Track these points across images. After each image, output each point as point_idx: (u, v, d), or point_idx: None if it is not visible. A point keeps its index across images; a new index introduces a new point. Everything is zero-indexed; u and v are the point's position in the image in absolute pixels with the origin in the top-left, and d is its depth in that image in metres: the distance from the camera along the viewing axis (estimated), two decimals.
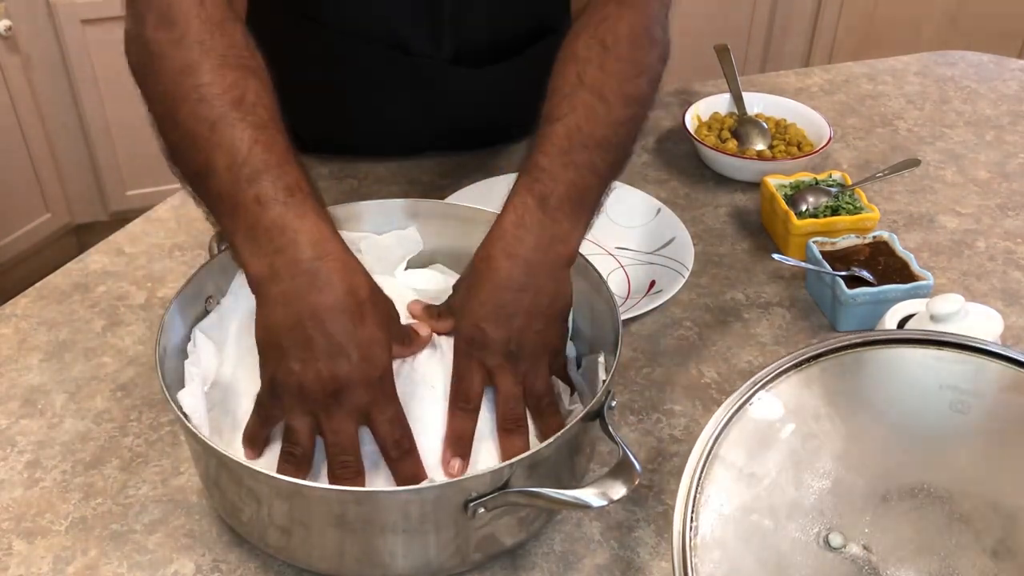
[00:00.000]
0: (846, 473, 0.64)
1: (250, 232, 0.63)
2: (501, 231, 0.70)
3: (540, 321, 0.69)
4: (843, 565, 0.61)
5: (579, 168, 0.71)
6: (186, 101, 0.65)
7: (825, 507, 0.63)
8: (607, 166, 0.73)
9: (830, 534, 0.62)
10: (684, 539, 0.59)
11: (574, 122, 0.72)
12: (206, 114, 0.64)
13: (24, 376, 0.84)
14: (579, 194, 0.71)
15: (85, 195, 2.32)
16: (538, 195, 0.70)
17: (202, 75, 0.65)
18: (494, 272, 0.69)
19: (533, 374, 0.69)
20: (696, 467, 0.62)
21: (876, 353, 0.66)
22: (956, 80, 1.38)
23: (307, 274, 0.62)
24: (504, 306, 0.68)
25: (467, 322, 0.69)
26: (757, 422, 0.64)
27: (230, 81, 0.65)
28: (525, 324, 0.68)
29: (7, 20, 2.02)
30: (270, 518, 0.64)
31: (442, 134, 1.11)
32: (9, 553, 0.70)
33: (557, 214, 0.70)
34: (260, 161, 0.63)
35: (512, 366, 0.68)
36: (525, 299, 0.68)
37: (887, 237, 0.95)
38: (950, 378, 0.65)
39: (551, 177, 0.71)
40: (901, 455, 0.65)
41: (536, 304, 0.69)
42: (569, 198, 0.71)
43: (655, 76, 0.79)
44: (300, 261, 0.62)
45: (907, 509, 0.63)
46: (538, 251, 0.69)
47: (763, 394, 0.65)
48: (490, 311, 0.68)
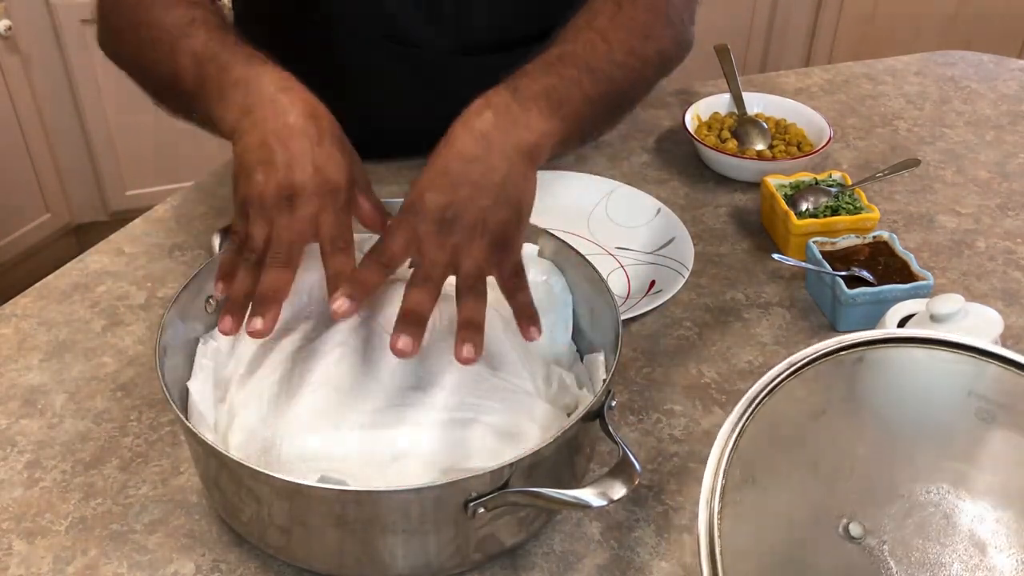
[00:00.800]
0: (866, 470, 0.64)
1: (220, 93, 0.71)
2: (467, 111, 0.70)
3: (487, 197, 0.66)
4: (861, 557, 0.61)
5: (562, 78, 0.71)
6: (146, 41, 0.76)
7: (845, 501, 0.63)
8: (596, 92, 0.73)
9: (851, 523, 0.62)
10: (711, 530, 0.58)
11: (571, 48, 0.74)
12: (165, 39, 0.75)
13: (24, 376, 0.84)
14: (556, 96, 0.71)
15: (85, 195, 2.32)
16: (512, 87, 0.71)
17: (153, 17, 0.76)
18: (449, 144, 0.68)
19: (465, 250, 0.65)
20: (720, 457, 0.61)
21: (876, 353, 0.66)
22: (956, 80, 1.38)
23: (273, 103, 0.69)
24: (451, 174, 0.66)
25: (413, 189, 0.67)
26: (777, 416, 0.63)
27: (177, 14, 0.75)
28: (468, 196, 0.65)
29: (7, 20, 2.02)
30: (270, 518, 0.64)
31: (444, 129, 1.11)
32: (9, 553, 0.70)
33: (527, 103, 0.69)
34: (217, 46, 0.73)
35: (442, 235, 0.65)
36: (473, 171, 0.66)
37: (887, 237, 0.95)
38: (962, 380, 0.65)
39: (530, 77, 0.71)
40: (918, 454, 0.65)
41: (484, 179, 0.66)
42: (545, 96, 0.70)
43: (664, 49, 0.80)
44: (265, 94, 0.69)
45: (921, 508, 0.63)
46: (497, 129, 0.68)
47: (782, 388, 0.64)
48: (435, 177, 0.67)
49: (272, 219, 0.66)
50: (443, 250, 0.65)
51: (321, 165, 0.67)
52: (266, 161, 0.66)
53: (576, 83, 0.72)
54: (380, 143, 1.12)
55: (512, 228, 0.68)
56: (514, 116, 0.69)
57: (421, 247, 0.66)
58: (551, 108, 0.70)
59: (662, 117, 1.24)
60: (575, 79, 0.72)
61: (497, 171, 0.67)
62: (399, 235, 0.66)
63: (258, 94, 0.69)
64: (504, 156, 0.67)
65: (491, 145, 0.67)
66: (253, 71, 0.71)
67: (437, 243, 0.65)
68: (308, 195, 0.66)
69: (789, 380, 0.64)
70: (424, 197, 0.66)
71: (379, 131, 1.09)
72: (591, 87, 0.73)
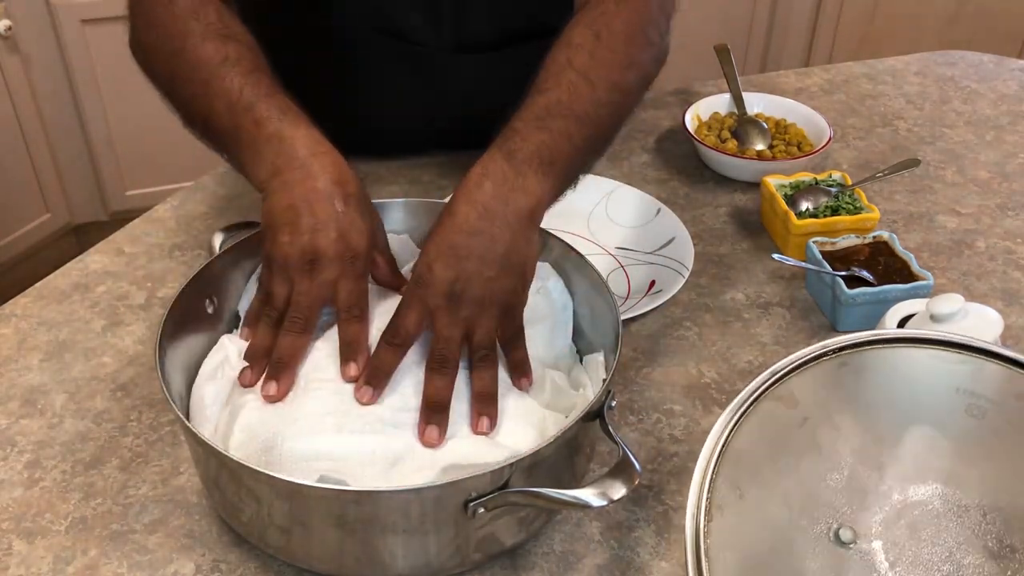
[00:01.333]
0: (857, 471, 0.64)
1: (252, 147, 0.73)
2: (465, 181, 0.72)
3: (492, 268, 0.68)
4: (852, 561, 0.61)
5: (552, 132, 0.72)
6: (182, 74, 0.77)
7: (836, 504, 0.63)
8: (583, 139, 0.74)
9: (841, 529, 0.62)
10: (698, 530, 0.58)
11: (555, 96, 0.74)
12: (200, 76, 0.76)
13: (24, 376, 0.84)
14: (549, 155, 0.72)
15: (85, 195, 2.32)
16: (506, 151, 0.72)
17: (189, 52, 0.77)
18: (452, 217, 0.70)
19: (475, 322, 0.68)
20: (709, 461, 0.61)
21: (877, 353, 0.66)
22: (956, 80, 1.38)
23: (303, 166, 0.71)
24: (455, 248, 0.68)
25: (420, 263, 0.69)
26: (768, 418, 0.64)
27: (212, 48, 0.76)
28: (475, 269, 0.68)
29: (7, 20, 2.02)
30: (270, 518, 0.64)
31: (442, 127, 1.11)
32: (9, 553, 0.70)
33: (523, 167, 0.71)
34: (251, 95, 0.74)
35: (453, 308, 0.67)
36: (478, 243, 0.68)
37: (887, 237, 0.95)
38: (952, 379, 0.65)
39: (522, 137, 0.72)
40: (911, 455, 0.65)
41: (489, 250, 0.68)
42: (538, 156, 0.71)
43: (645, 74, 0.81)
44: (297, 157, 0.71)
45: (917, 509, 0.63)
46: (497, 199, 0.70)
47: (774, 391, 0.64)
48: (441, 251, 0.68)
49: (293, 280, 0.70)
50: (455, 325, 0.68)
51: (344, 231, 0.70)
52: (292, 223, 0.69)
53: (566, 135, 0.73)
54: (379, 142, 1.12)
55: (517, 296, 0.71)
56: (511, 183, 0.70)
57: (433, 322, 0.68)
58: (544, 168, 0.72)
59: (662, 117, 1.24)
60: (564, 131, 0.73)
61: (500, 242, 0.69)
62: (412, 312, 0.68)
63: (290, 156, 0.71)
64: (506, 225, 0.69)
65: (492, 216, 0.69)
66: (286, 131, 0.72)
67: (449, 318, 0.68)
68: (329, 260, 0.69)
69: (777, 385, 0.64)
70: (433, 271, 0.68)
71: (378, 130, 1.10)
72: (579, 135, 0.74)
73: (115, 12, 0.85)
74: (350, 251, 0.70)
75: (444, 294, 0.68)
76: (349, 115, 1.09)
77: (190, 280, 0.74)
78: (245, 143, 0.73)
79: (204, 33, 0.77)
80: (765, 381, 0.64)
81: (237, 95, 0.74)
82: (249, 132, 0.73)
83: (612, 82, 0.77)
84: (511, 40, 1.04)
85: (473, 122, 1.11)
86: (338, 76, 1.05)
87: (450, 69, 1.04)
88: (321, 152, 0.72)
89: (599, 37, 0.77)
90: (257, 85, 0.74)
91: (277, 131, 0.72)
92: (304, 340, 0.70)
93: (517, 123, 0.73)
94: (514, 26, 1.04)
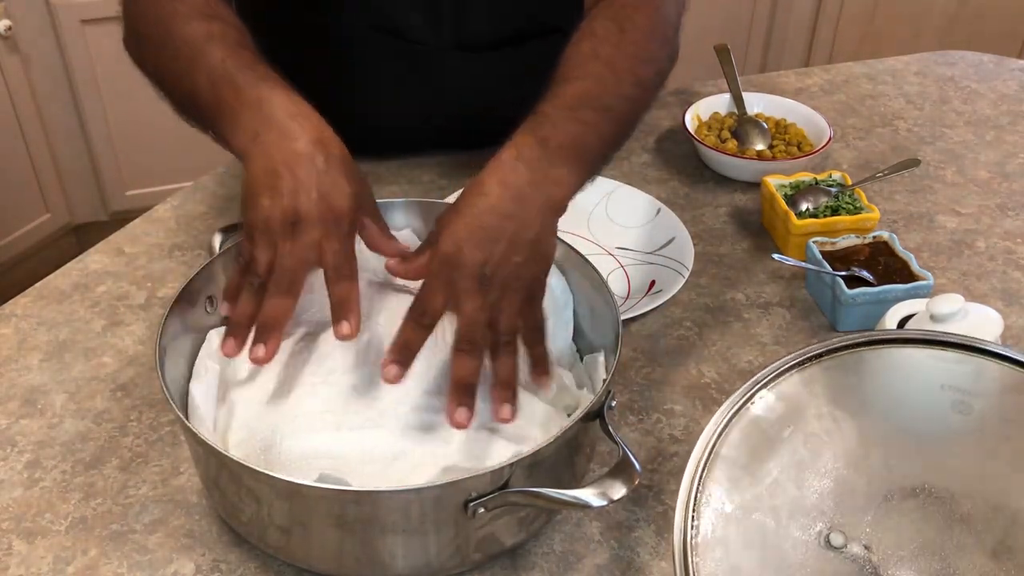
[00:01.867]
0: (847, 473, 0.64)
1: (233, 116, 0.71)
2: (498, 162, 0.70)
3: (521, 254, 0.67)
4: (844, 565, 0.61)
5: (583, 124, 0.72)
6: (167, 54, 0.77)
7: (826, 506, 0.63)
8: (610, 133, 0.75)
9: (831, 533, 0.62)
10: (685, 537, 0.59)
11: (584, 86, 0.74)
12: (185, 54, 0.75)
13: (24, 376, 0.84)
14: (580, 146, 0.72)
15: (85, 195, 2.32)
16: (540, 137, 0.71)
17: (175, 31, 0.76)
18: (484, 197, 0.68)
19: (501, 307, 0.67)
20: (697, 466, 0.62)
21: (877, 353, 0.66)
22: (956, 80, 1.38)
23: (282, 128, 0.69)
24: (488, 230, 0.67)
25: (447, 240, 0.68)
26: (758, 421, 0.64)
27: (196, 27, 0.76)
28: (505, 252, 0.67)
29: (7, 20, 2.02)
30: (270, 518, 0.64)
31: (441, 125, 1.11)
32: (9, 553, 0.70)
33: (555, 157, 0.70)
34: (232, 67, 0.73)
35: (482, 292, 0.66)
36: (510, 227, 0.67)
37: (887, 237, 0.95)
38: (951, 378, 0.65)
39: (554, 124, 0.72)
40: (902, 455, 0.65)
41: (520, 235, 0.67)
42: (572, 146, 0.71)
43: (663, 70, 0.82)
44: (276, 119, 0.70)
45: (908, 509, 0.63)
46: (532, 185, 0.69)
47: (764, 393, 0.65)
48: (473, 232, 0.67)
49: (276, 244, 0.67)
50: (482, 309, 0.66)
51: (326, 192, 0.68)
52: (272, 187, 0.67)
53: (595, 127, 0.73)
54: (377, 140, 1.12)
55: (541, 284, 0.70)
56: (545, 171, 0.70)
57: (459, 304, 0.66)
58: (575, 160, 0.72)
59: (662, 117, 1.24)
60: (593, 123, 0.73)
61: (531, 228, 0.68)
62: (439, 292, 0.67)
63: (268, 119, 0.70)
64: (538, 212, 0.69)
65: (526, 201, 0.69)
66: (264, 95, 0.71)
67: (476, 301, 0.66)
68: (312, 222, 0.67)
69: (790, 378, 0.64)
70: (463, 251, 0.66)
71: (376, 128, 1.09)
72: (607, 128, 0.74)
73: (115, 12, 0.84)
74: (333, 212, 0.68)
75: (473, 276, 0.66)
76: (347, 113, 1.09)
77: (190, 280, 0.74)
78: (226, 113, 0.72)
79: (189, 14, 0.76)
80: (756, 383, 0.64)
81: (220, 69, 0.73)
82: (229, 103, 0.72)
83: (636, 76, 0.77)
84: (510, 39, 1.04)
85: (471, 121, 1.12)
86: (336, 74, 1.05)
87: (449, 68, 1.04)
88: (300, 113, 0.71)
89: (623, 30, 0.78)
90: (239, 58, 0.74)
91: (256, 97, 0.71)
92: (289, 302, 0.67)
93: (548, 108, 0.73)
94: (513, 26, 1.04)
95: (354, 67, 1.05)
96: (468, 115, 1.10)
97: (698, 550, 0.59)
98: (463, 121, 1.11)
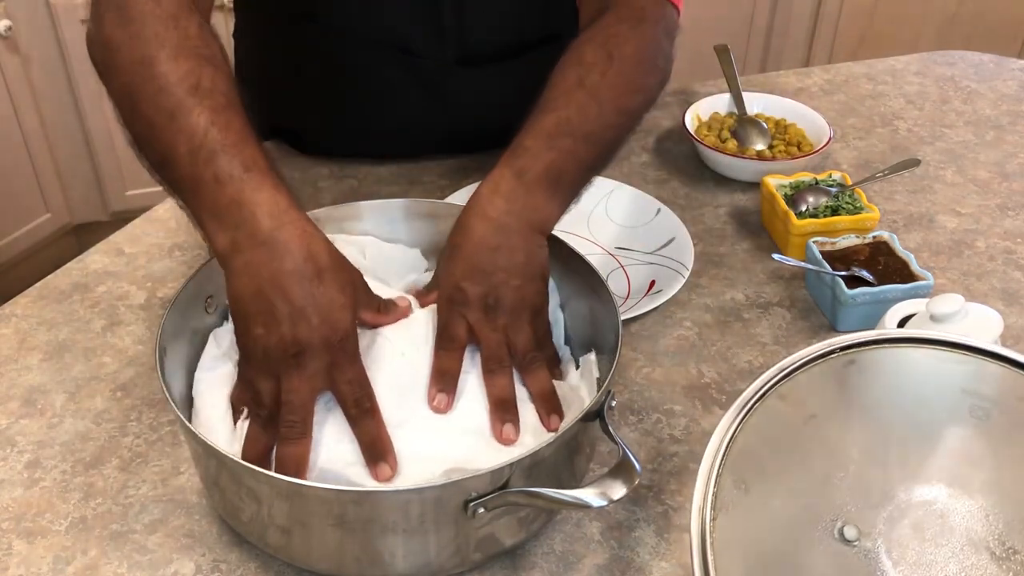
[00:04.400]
0: (858, 469, 0.64)
1: (212, 210, 0.65)
2: (477, 197, 0.73)
3: (516, 278, 0.71)
4: (856, 558, 0.61)
5: (561, 152, 0.74)
6: (144, 92, 0.67)
7: (840, 501, 0.63)
8: (590, 157, 0.77)
9: (845, 527, 0.62)
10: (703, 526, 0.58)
11: (565, 115, 0.75)
12: (164, 103, 0.66)
13: (24, 376, 0.84)
14: (557, 174, 0.74)
15: (85, 195, 2.32)
16: (516, 169, 0.73)
17: (158, 66, 0.67)
18: (469, 234, 0.72)
19: (514, 329, 0.71)
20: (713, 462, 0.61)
21: (883, 353, 0.66)
22: (956, 80, 1.38)
23: (266, 244, 0.64)
24: (480, 264, 0.71)
25: (447, 283, 0.72)
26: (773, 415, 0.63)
27: (185, 70, 0.67)
28: (502, 281, 0.71)
29: (7, 20, 2.02)
30: (270, 518, 0.64)
31: (444, 137, 1.11)
32: (9, 553, 0.70)
33: (533, 187, 0.73)
34: (216, 142, 0.65)
35: (491, 319, 0.70)
36: (500, 258, 0.71)
37: (887, 237, 0.95)
38: (958, 380, 0.64)
39: (532, 156, 0.73)
40: (907, 454, 0.65)
41: (511, 262, 0.71)
42: (547, 176, 0.73)
43: (651, 98, 0.83)
44: (259, 232, 0.64)
45: (918, 509, 0.63)
46: (510, 215, 0.72)
47: (780, 387, 0.64)
48: (467, 270, 0.71)
49: (279, 376, 0.64)
50: (497, 331, 0.71)
51: (325, 314, 0.63)
52: (266, 312, 0.63)
53: (572, 154, 0.75)
54: (378, 144, 1.12)
55: (543, 297, 0.74)
56: (523, 201, 0.73)
57: (477, 334, 0.71)
58: (553, 186, 0.74)
59: (662, 117, 1.24)
60: (571, 150, 0.74)
61: (519, 252, 0.72)
62: (457, 324, 0.71)
63: (251, 230, 0.64)
64: (521, 237, 0.72)
65: (507, 230, 0.72)
66: (247, 195, 0.64)
67: (489, 328, 0.71)
68: (316, 350, 0.63)
69: (781, 384, 0.64)
70: (464, 290, 0.71)
71: (378, 133, 1.10)
72: (585, 154, 0.76)
73: None
74: (337, 334, 0.64)
75: (480, 308, 0.70)
76: (349, 119, 1.10)
77: (190, 280, 0.74)
78: (205, 203, 0.66)
79: (179, 46, 0.68)
80: (772, 378, 0.64)
81: (201, 138, 0.65)
82: (209, 190, 0.65)
83: (620, 106, 0.78)
84: (512, 51, 1.04)
85: (473, 130, 1.13)
86: (338, 84, 1.05)
87: (451, 80, 1.04)
88: (286, 222, 0.65)
89: (611, 59, 0.78)
90: (225, 129, 0.66)
91: (238, 194, 0.64)
92: (306, 444, 0.64)
93: (526, 140, 0.74)
94: (515, 38, 1.04)
95: (356, 81, 1.05)
96: (469, 124, 1.10)
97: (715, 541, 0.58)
98: (464, 133, 1.12)
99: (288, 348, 0.63)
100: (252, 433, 0.66)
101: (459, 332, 0.71)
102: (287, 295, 0.63)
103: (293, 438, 0.64)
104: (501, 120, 0.77)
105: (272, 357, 0.63)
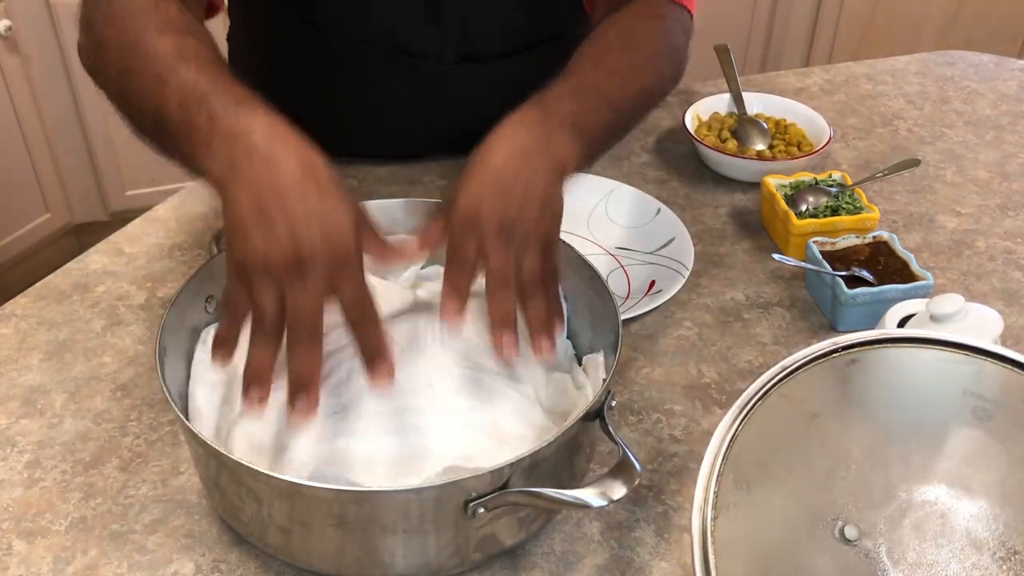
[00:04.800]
0: (859, 469, 0.64)
1: (206, 142, 0.65)
2: (502, 127, 0.72)
3: (534, 208, 0.69)
4: (857, 558, 0.61)
5: (584, 106, 0.75)
6: (134, 68, 0.70)
7: (841, 500, 0.63)
8: (609, 122, 0.78)
9: (846, 527, 0.62)
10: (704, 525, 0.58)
11: (589, 79, 0.77)
12: (153, 70, 0.69)
13: (24, 376, 0.84)
14: (580, 123, 0.74)
15: (85, 195, 2.32)
16: (542, 107, 0.73)
17: (145, 45, 0.71)
18: (492, 157, 0.70)
19: (522, 257, 0.68)
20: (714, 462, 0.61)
21: (885, 353, 0.66)
22: (956, 80, 1.38)
23: (264, 158, 0.63)
24: (501, 186, 0.69)
25: (464, 201, 0.68)
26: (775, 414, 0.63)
27: (170, 42, 0.70)
28: (520, 206, 0.68)
29: (7, 20, 2.02)
30: (270, 518, 0.64)
31: (444, 137, 1.11)
32: (9, 553, 0.70)
33: (556, 127, 0.72)
34: (206, 87, 0.66)
35: (504, 242, 0.68)
36: (520, 183, 0.69)
37: (887, 237, 0.95)
38: (960, 380, 0.64)
39: (558, 100, 0.74)
40: (908, 454, 0.65)
41: (531, 189, 0.69)
42: (571, 121, 0.73)
43: (665, 88, 0.85)
44: (255, 149, 0.63)
45: (918, 509, 0.63)
46: (535, 147, 0.71)
47: (782, 386, 0.64)
48: (487, 190, 0.68)
49: (282, 287, 0.62)
50: (507, 259, 0.68)
51: (327, 226, 0.62)
52: (265, 225, 0.61)
53: (595, 112, 0.75)
54: (379, 143, 1.12)
55: (556, 236, 0.72)
56: (548, 136, 0.71)
57: (487, 256, 0.68)
58: (575, 133, 0.73)
59: (662, 117, 1.24)
60: (594, 108, 0.75)
61: (539, 184, 0.70)
62: (470, 243, 0.68)
63: (247, 147, 0.64)
64: (544, 169, 0.70)
65: (531, 160, 0.70)
66: (242, 120, 0.65)
67: (501, 252, 0.68)
68: (319, 262, 0.61)
69: (783, 383, 0.64)
70: (482, 206, 0.68)
71: (378, 131, 1.10)
72: (607, 116, 0.77)
73: None
74: (341, 247, 0.62)
75: (495, 229, 0.67)
76: (349, 123, 1.10)
77: (190, 280, 0.74)
78: (198, 139, 0.65)
79: (162, 27, 0.71)
80: (774, 377, 0.64)
81: (192, 89, 0.66)
82: (202, 127, 0.65)
83: (640, 85, 0.80)
84: (512, 53, 1.05)
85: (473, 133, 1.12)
86: (338, 83, 1.05)
87: (453, 80, 1.04)
88: (281, 136, 0.64)
89: (632, 45, 0.81)
90: (213, 77, 0.67)
91: (232, 125, 0.64)
92: (317, 351, 0.62)
93: (554, 87, 0.75)
94: (517, 38, 1.05)
95: (357, 82, 1.05)
96: (470, 125, 1.10)
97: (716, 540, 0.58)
98: (465, 132, 1.11)
99: (289, 257, 0.61)
100: (256, 349, 0.63)
101: (470, 252, 0.68)
102: (285, 205, 0.61)
103: (304, 345, 0.62)
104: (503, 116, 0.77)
105: (272, 268, 0.61)
